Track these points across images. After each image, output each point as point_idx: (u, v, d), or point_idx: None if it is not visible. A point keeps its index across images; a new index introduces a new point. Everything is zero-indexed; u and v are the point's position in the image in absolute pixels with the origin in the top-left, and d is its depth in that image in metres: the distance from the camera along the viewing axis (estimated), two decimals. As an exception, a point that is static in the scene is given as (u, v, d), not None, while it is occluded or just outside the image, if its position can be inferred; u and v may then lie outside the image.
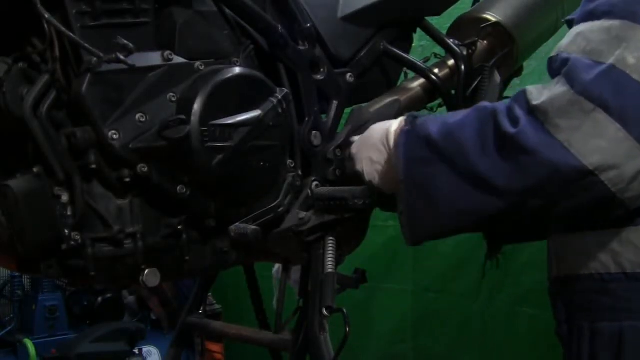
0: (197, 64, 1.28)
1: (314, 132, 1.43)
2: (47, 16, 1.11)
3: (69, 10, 1.17)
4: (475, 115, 1.12)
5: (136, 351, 3.27)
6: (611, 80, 1.01)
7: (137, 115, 1.21)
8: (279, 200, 1.35)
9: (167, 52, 1.25)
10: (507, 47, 1.67)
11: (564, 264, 1.20)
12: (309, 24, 1.44)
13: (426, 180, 1.13)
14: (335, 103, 1.49)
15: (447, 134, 1.12)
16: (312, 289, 1.33)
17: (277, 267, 1.77)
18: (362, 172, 1.28)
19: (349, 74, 1.52)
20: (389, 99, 1.56)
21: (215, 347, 3.13)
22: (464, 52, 1.64)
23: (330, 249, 1.32)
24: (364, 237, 1.45)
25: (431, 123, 1.16)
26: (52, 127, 1.18)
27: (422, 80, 1.61)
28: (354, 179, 1.33)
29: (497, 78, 1.65)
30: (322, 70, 1.46)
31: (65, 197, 1.19)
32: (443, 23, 1.74)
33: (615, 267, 1.11)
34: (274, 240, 1.34)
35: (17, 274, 3.32)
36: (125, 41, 1.14)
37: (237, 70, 1.28)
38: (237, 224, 1.28)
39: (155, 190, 1.24)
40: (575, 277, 1.17)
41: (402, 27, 1.65)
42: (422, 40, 2.00)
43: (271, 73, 1.39)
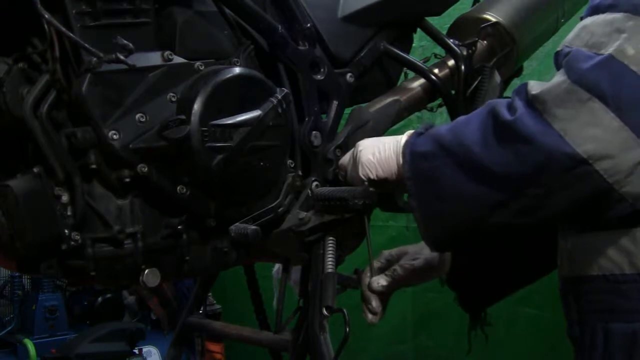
0: (197, 64, 1.28)
1: (314, 132, 1.42)
2: (47, 16, 1.11)
3: (69, 10, 1.17)
4: (480, 110, 1.12)
5: (136, 351, 3.28)
6: (608, 70, 1.01)
7: (137, 116, 1.21)
8: (279, 200, 1.35)
9: (167, 52, 1.25)
10: (507, 47, 1.67)
11: (576, 264, 1.18)
12: (309, 24, 1.44)
13: (433, 173, 1.13)
14: (335, 103, 1.48)
15: (454, 130, 1.13)
16: (312, 289, 1.33)
17: (277, 267, 1.77)
18: (359, 162, 1.26)
19: (349, 74, 1.52)
20: (389, 99, 1.56)
21: (215, 347, 3.14)
22: (464, 52, 1.63)
23: (330, 249, 1.32)
24: (364, 237, 1.45)
25: (444, 126, 1.17)
26: (52, 127, 1.18)
27: (422, 81, 1.61)
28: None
29: (497, 78, 1.65)
30: (322, 70, 1.46)
31: (65, 197, 1.20)
32: (443, 23, 1.74)
33: (630, 267, 1.10)
34: (274, 240, 1.34)
35: (17, 274, 3.32)
36: (125, 41, 1.14)
37: (237, 70, 1.28)
38: (237, 224, 1.28)
39: (155, 191, 1.24)
40: (588, 278, 1.15)
41: (402, 28, 1.65)
42: (422, 40, 1.99)
43: (271, 73, 1.39)
